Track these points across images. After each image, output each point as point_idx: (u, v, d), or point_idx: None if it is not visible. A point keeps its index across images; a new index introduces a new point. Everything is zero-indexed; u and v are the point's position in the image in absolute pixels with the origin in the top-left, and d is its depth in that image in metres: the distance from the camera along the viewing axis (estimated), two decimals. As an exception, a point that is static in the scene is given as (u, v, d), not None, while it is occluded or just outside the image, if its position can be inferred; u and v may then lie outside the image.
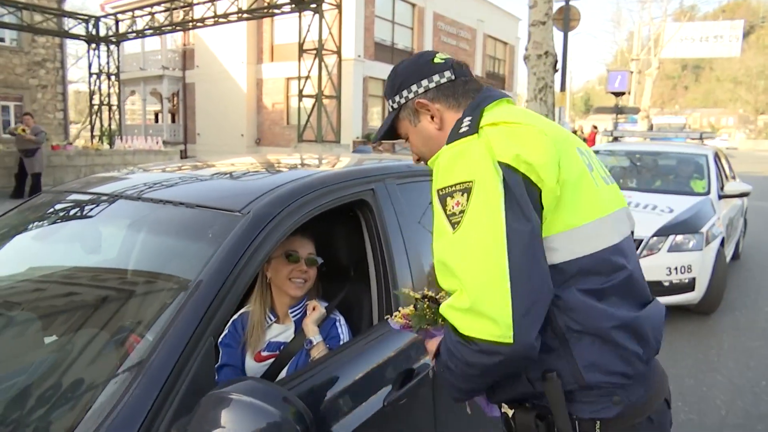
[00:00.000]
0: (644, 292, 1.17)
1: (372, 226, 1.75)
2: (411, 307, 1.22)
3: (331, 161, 2.13)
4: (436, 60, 1.27)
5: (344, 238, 1.94)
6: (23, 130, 10.78)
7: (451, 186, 1.04)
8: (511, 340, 0.95)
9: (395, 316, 1.24)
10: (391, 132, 1.33)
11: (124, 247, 1.71)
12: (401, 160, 2.10)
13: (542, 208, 1.04)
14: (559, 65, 6.93)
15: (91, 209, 1.78)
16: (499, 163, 1.02)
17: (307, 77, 13.75)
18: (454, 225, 1.02)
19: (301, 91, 14.03)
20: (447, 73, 1.25)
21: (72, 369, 1.31)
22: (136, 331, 1.32)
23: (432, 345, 1.18)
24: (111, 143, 15.84)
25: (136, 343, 1.26)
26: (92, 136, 17.18)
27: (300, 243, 1.77)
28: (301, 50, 13.76)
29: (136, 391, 1.07)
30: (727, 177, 6.36)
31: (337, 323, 1.79)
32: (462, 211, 1.01)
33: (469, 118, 1.13)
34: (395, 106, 1.29)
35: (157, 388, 1.08)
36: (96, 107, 17.32)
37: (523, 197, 1.00)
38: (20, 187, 11.19)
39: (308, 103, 14.00)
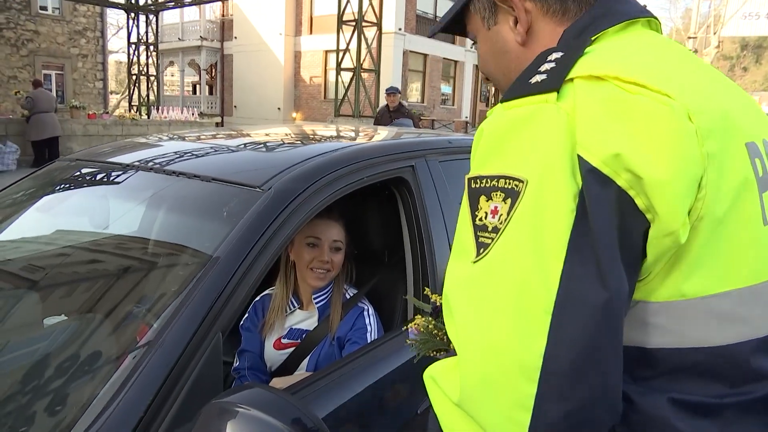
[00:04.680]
0: None
1: (410, 207, 1.56)
2: (424, 319, 0.91)
3: (367, 134, 1.94)
4: None
5: (378, 219, 1.76)
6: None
7: (491, 177, 0.60)
8: None
9: (412, 323, 0.93)
10: (455, 24, 0.87)
11: (140, 222, 1.57)
12: (443, 135, 1.88)
13: (644, 257, 0.57)
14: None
15: (104, 180, 1.64)
16: (581, 159, 0.55)
17: (346, 50, 13.48)
18: (481, 248, 0.58)
19: (339, 64, 13.78)
20: None
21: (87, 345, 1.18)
22: (146, 318, 1.18)
23: None
24: (148, 114, 15.97)
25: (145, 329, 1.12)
26: (130, 107, 17.36)
27: (324, 227, 1.59)
28: (341, 22, 13.47)
29: (128, 394, 0.93)
30: None
31: (365, 313, 1.62)
32: (497, 229, 0.57)
33: (560, 53, 0.63)
34: None
35: (152, 390, 0.94)
36: (134, 77, 17.44)
37: (608, 236, 0.54)
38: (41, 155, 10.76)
39: (346, 77, 13.75)
